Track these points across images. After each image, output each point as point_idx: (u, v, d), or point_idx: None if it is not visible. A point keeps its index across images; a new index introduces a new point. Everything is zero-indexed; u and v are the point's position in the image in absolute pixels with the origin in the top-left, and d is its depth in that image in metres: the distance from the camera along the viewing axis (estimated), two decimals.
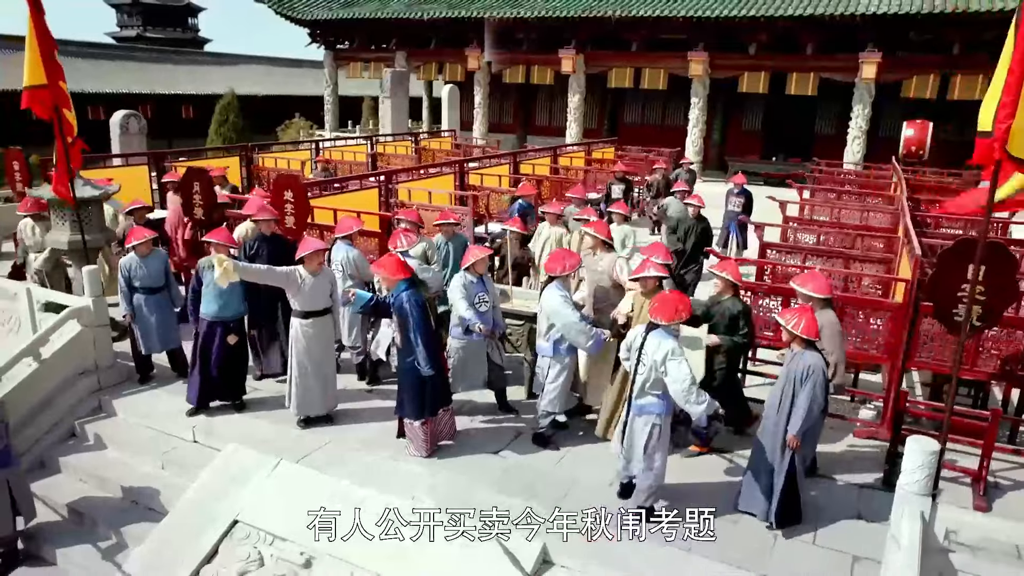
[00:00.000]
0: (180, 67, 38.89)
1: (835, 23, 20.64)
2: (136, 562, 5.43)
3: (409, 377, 5.76)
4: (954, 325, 5.48)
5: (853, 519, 5.29)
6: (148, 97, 33.44)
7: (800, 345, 4.97)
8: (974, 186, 15.22)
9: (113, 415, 7.03)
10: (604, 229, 6.50)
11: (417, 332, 5.53)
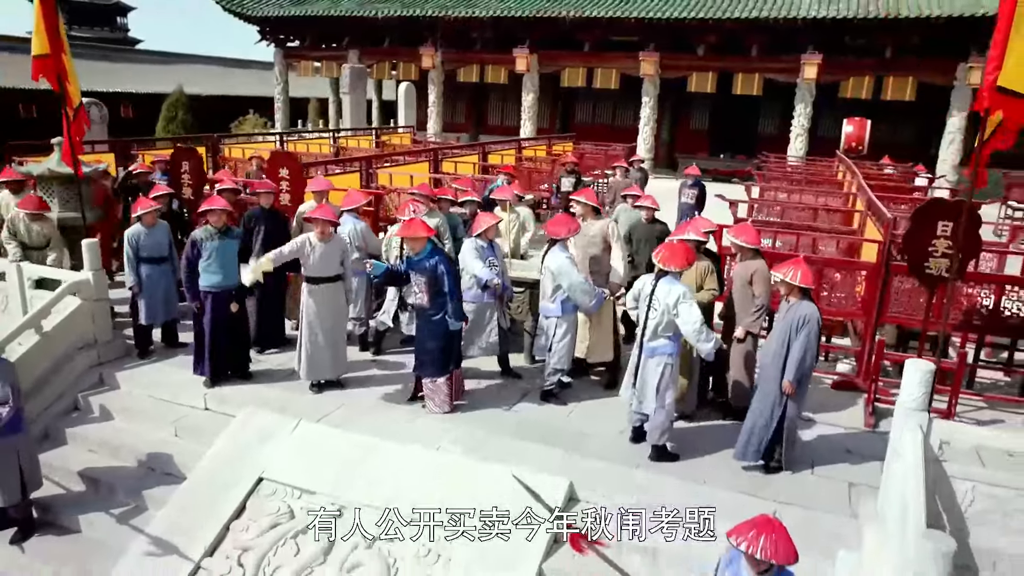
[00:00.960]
0: (118, 64, 37.72)
1: (778, 26, 21.72)
2: (162, 523, 5.51)
3: (436, 334, 6.03)
4: (925, 277, 6.07)
5: (844, 454, 5.79)
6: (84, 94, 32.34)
7: (797, 296, 5.41)
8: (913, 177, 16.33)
9: (116, 388, 7.02)
10: (593, 196, 6.90)
11: (452, 285, 5.83)
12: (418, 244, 5.92)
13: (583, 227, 6.63)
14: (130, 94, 34.50)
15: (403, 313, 7.33)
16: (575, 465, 5.47)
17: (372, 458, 5.67)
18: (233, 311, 6.64)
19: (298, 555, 5.15)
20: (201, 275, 6.50)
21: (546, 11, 24.73)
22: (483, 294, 6.51)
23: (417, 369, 6.30)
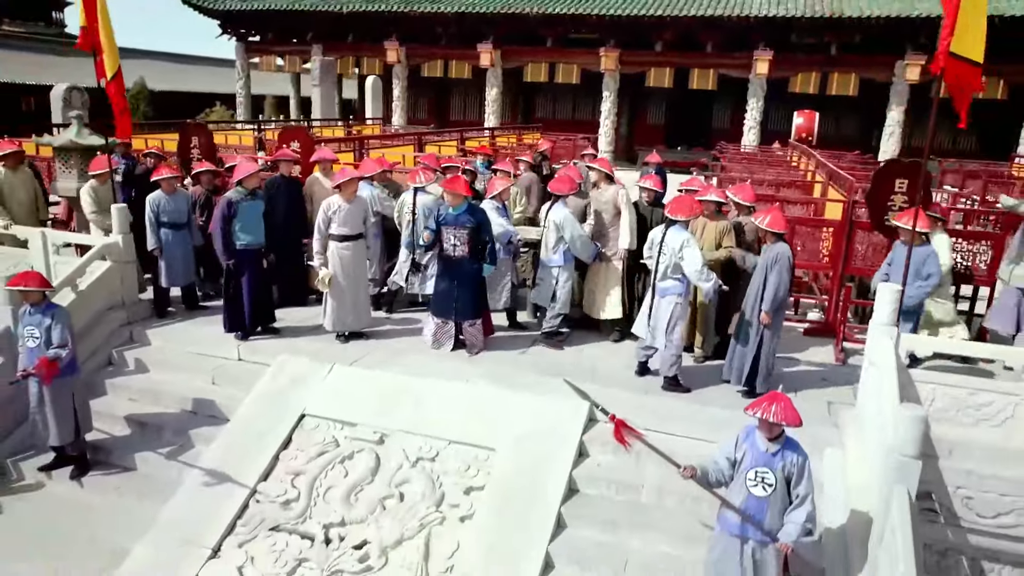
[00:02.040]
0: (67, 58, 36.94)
1: (732, 23, 22.91)
2: (213, 456, 6.00)
3: (474, 280, 6.71)
4: (885, 229, 6.98)
5: (820, 382, 6.64)
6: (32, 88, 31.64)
7: (771, 239, 6.20)
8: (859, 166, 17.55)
9: (147, 344, 7.42)
10: (607, 164, 7.61)
11: (492, 239, 6.50)
12: (458, 199, 6.54)
13: (598, 192, 7.34)
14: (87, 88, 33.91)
15: (414, 275, 7.90)
16: (592, 393, 6.12)
17: (408, 393, 6.26)
18: (265, 266, 7.12)
19: (347, 476, 5.71)
20: (237, 235, 6.95)
21: (510, 7, 25.44)
22: (500, 250, 7.15)
23: (458, 315, 6.88)
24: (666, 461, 4.45)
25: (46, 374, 5.44)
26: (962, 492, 5.15)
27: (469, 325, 6.87)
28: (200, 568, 5.20)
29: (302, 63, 30.80)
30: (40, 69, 34.44)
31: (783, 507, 4.11)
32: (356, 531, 5.34)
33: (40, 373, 5.43)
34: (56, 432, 5.84)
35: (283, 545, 5.30)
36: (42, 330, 5.66)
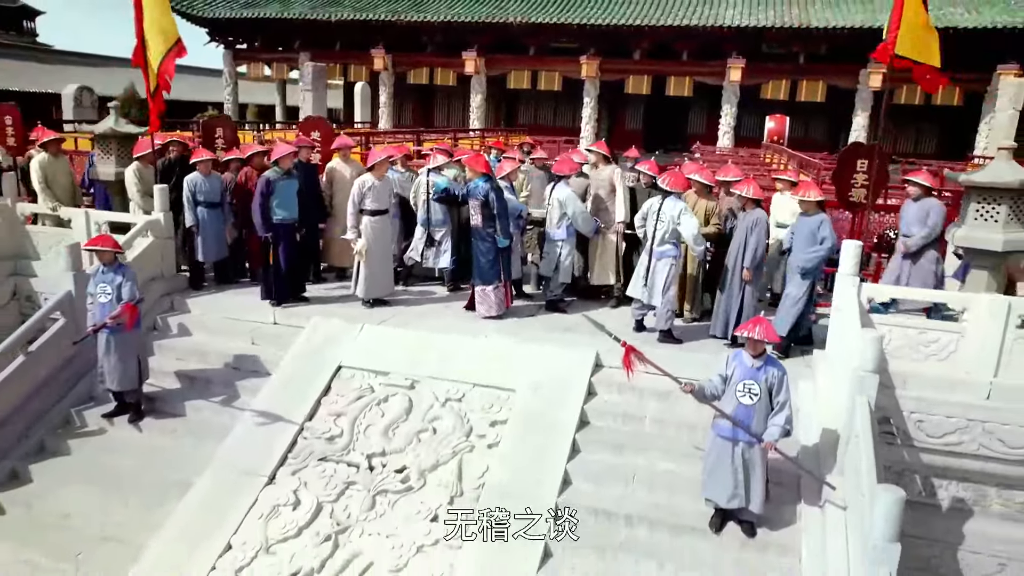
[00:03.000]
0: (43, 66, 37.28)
1: (707, 33, 24.10)
2: (261, 403, 6.73)
3: (488, 250, 7.46)
4: (849, 204, 7.94)
5: None
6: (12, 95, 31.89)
7: (750, 206, 7.12)
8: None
9: (187, 311, 8.11)
10: (605, 147, 8.48)
11: (502, 211, 7.29)
12: (475, 175, 7.36)
13: (596, 172, 8.21)
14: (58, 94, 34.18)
15: (428, 250, 8.69)
16: (596, 344, 6.94)
17: (433, 346, 7.04)
18: (299, 238, 7.87)
19: (384, 416, 6.47)
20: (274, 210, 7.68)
21: (494, 17, 26.41)
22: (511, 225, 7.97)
23: (472, 279, 7.68)
24: (670, 379, 5.27)
25: (129, 319, 6.16)
26: (915, 416, 6.07)
27: (481, 290, 7.66)
28: (259, 492, 5.93)
29: (289, 70, 31.47)
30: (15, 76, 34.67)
31: (766, 413, 4.98)
32: (396, 459, 6.10)
33: (123, 319, 6.14)
34: (121, 379, 6.53)
35: (332, 472, 6.06)
36: (113, 287, 6.37)
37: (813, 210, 6.83)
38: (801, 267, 6.77)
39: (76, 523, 6.01)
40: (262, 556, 5.50)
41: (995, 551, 6.04)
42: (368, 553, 5.45)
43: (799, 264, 6.80)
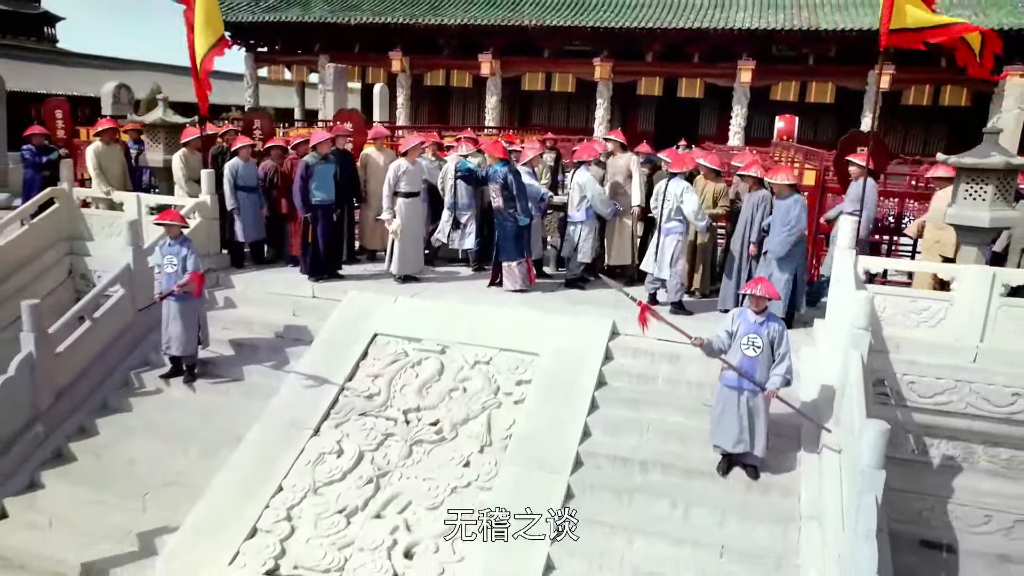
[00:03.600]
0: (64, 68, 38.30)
1: (717, 35, 24.62)
2: (305, 366, 7.33)
3: (509, 229, 8.05)
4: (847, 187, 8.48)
5: None
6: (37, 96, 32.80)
7: (756, 186, 7.65)
8: None
9: (231, 287, 8.73)
10: (622, 135, 9.05)
11: (520, 192, 7.87)
12: (493, 160, 7.95)
13: (613, 159, 8.78)
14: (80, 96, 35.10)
15: (454, 232, 9.27)
16: (613, 315, 7.49)
17: (462, 316, 7.63)
18: (335, 219, 8.49)
19: (418, 377, 7.06)
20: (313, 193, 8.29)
21: (509, 20, 27.02)
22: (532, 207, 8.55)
23: (497, 256, 8.27)
24: (681, 334, 5.82)
25: (197, 286, 6.80)
26: (907, 378, 6.60)
27: (506, 265, 8.24)
28: (306, 443, 6.53)
29: (308, 73, 32.23)
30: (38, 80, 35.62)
31: (768, 364, 5.52)
32: (430, 414, 6.69)
33: (191, 286, 6.78)
34: (184, 343, 7.15)
35: (371, 425, 6.65)
36: (179, 259, 7.00)
37: (786, 192, 7.29)
38: (774, 251, 7.22)
39: (140, 470, 6.63)
40: (310, 496, 6.09)
41: (982, 504, 6.56)
42: (407, 493, 6.03)
43: (772, 248, 7.24)
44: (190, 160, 9.23)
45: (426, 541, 5.64)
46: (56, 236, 9.29)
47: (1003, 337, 6.49)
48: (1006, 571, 6.42)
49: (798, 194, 7.34)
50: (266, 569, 5.58)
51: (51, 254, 9.21)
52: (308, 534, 5.79)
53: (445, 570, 5.44)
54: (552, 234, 9.57)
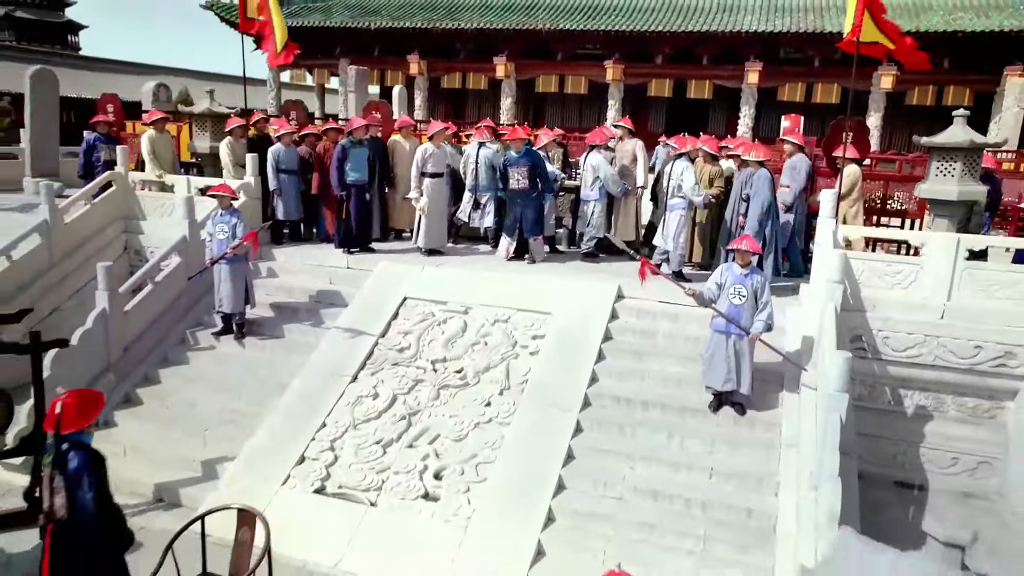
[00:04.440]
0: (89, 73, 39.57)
1: (725, 38, 25.39)
2: (342, 324, 8.18)
3: (535, 207, 8.93)
4: (836, 170, 9.25)
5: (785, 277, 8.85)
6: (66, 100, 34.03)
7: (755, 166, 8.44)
8: None
9: (273, 259, 9.62)
10: (629, 122, 9.90)
11: (543, 172, 8.78)
12: (518, 144, 8.81)
13: (621, 144, 9.61)
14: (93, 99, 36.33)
15: (474, 212, 10.11)
16: (619, 280, 8.31)
17: (483, 282, 8.47)
18: (367, 198, 9.37)
19: (444, 333, 7.90)
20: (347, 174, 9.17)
21: (524, 24, 27.95)
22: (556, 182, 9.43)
23: (524, 233, 9.11)
24: (676, 286, 6.63)
25: (254, 243, 7.69)
26: (882, 334, 7.37)
27: (533, 240, 9.09)
28: (345, 387, 7.39)
29: (329, 76, 33.29)
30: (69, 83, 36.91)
31: (752, 311, 6.32)
32: (455, 364, 7.52)
33: (248, 245, 7.68)
34: (234, 302, 8.04)
35: (403, 373, 7.49)
36: (229, 227, 7.90)
37: (756, 168, 8.15)
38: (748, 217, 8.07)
39: (200, 412, 7.52)
40: (351, 431, 6.94)
41: (949, 447, 7.32)
42: (436, 428, 6.87)
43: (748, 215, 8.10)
44: (235, 147, 10.16)
45: (453, 465, 6.48)
46: (114, 215, 10.24)
47: (967, 296, 7.24)
48: (970, 506, 7.17)
49: (764, 170, 8.16)
50: (314, 488, 6.43)
51: (109, 231, 10.16)
52: (350, 461, 6.64)
53: (470, 488, 6.27)
54: (565, 215, 10.41)
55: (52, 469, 4.13)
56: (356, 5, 32.12)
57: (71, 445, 4.20)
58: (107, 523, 4.30)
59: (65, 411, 4.17)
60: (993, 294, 7.19)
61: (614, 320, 7.82)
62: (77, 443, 4.23)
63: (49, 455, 4.16)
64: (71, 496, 4.11)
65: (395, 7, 31.21)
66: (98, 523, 4.22)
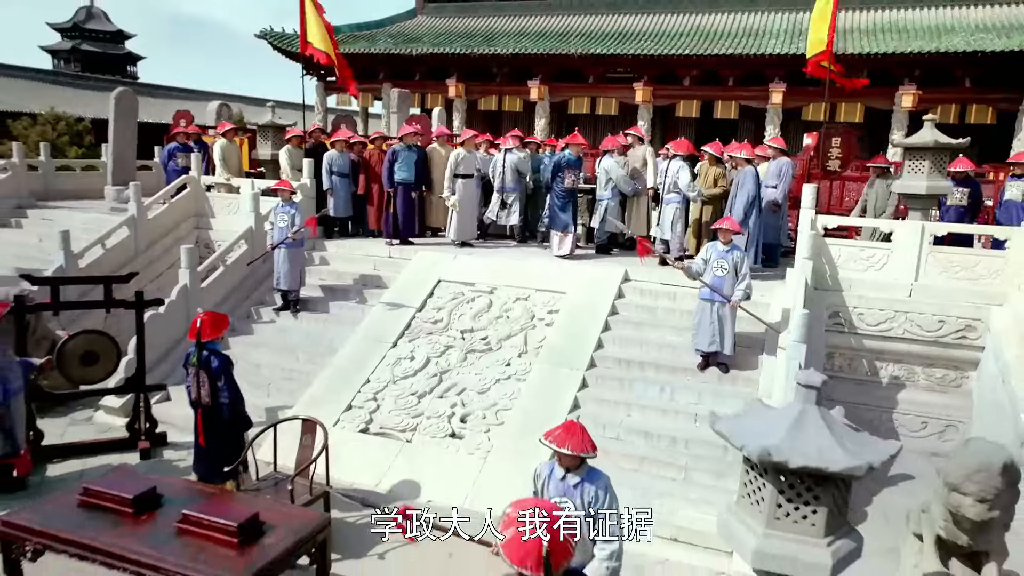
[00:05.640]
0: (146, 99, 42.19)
1: (751, 61, 26.46)
2: (384, 302, 9.43)
3: (565, 205, 10.08)
4: (826, 172, 10.29)
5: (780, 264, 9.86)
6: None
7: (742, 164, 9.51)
8: None
9: (324, 250, 10.99)
10: (640, 131, 11.07)
11: None
12: (577, 149, 10.08)
13: (632, 150, 10.79)
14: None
15: (501, 211, 11.34)
16: (627, 265, 9.43)
17: (507, 267, 9.67)
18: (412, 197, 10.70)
19: (472, 308, 9.10)
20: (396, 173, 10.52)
21: (557, 49, 29.41)
22: None
23: (550, 226, 10.31)
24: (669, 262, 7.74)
25: (313, 228, 9.07)
26: (856, 311, 8.35)
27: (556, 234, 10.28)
28: (386, 351, 8.62)
29: (373, 100, 35.19)
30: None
31: (733, 282, 7.38)
32: (480, 333, 8.71)
33: (308, 229, 9.05)
34: (291, 280, 9.40)
35: (436, 340, 8.70)
36: (289, 216, 9.26)
37: (743, 166, 9.24)
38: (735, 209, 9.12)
39: (263, 370, 8.82)
40: (390, 386, 8.15)
41: (919, 413, 8.23)
42: (462, 383, 8.05)
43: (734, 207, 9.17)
44: (293, 154, 11.60)
45: (476, 411, 7.64)
46: (188, 213, 11.75)
47: (931, 276, 8.19)
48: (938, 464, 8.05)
49: (750, 167, 9.24)
50: (359, 429, 7.65)
51: (184, 227, 11.66)
52: (389, 408, 7.85)
53: (490, 429, 7.41)
54: (582, 214, 11.58)
55: (198, 369, 5.51)
56: (399, 33, 34.05)
57: (210, 352, 5.60)
58: (236, 407, 5.87)
59: (204, 325, 5.63)
60: (954, 275, 8.14)
61: (620, 298, 8.94)
62: (213, 351, 5.64)
63: (195, 358, 5.66)
64: (212, 388, 5.50)
65: (435, 35, 33.02)
66: (230, 408, 5.80)
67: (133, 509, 4.45)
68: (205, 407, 5.82)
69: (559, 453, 3.97)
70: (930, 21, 26.84)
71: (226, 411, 5.83)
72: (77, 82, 40.32)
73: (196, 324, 5.71)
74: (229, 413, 5.86)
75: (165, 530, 4.30)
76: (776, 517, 3.54)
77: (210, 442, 5.84)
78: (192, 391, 5.84)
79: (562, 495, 4.00)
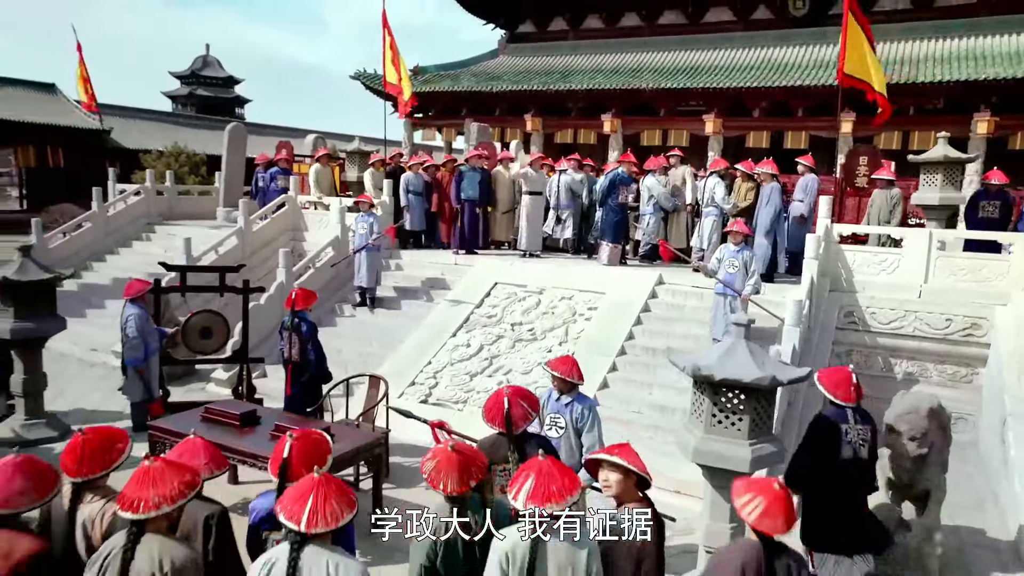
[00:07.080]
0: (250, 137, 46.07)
1: (819, 91, 26.95)
2: (447, 300, 10.84)
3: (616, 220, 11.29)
4: (856, 189, 11.06)
5: None
6: None
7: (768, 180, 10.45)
8: None
9: (399, 258, 12.58)
10: (680, 152, 12.19)
11: None
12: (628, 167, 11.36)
13: (673, 170, 11.92)
14: None
15: (556, 227, 12.61)
16: (663, 271, 10.52)
17: (555, 272, 10.94)
18: (477, 213, 12.17)
19: (522, 305, 10.39)
20: (463, 191, 12.04)
21: (629, 84, 30.73)
22: None
23: (599, 237, 11.54)
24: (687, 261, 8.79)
25: (392, 236, 10.64)
26: (870, 310, 9.14)
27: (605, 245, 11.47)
28: (447, 339, 9.99)
29: (456, 135, 37.49)
30: None
31: (743, 278, 8.38)
32: (527, 326, 9.97)
33: (387, 236, 10.62)
34: (368, 279, 10.99)
35: (490, 331, 10.02)
36: (367, 224, 10.88)
37: (769, 181, 10.17)
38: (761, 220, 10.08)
39: (344, 354, 10.34)
40: (448, 367, 9.50)
41: None
42: (509, 365, 9.31)
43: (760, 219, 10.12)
44: (375, 176, 13.33)
45: None
46: (285, 227, 13.64)
47: (940, 279, 8.90)
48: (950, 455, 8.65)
49: (775, 183, 10.17)
50: (420, 400, 9.01)
51: (282, 239, 13.53)
52: (446, 384, 9.19)
53: None
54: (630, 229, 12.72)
55: (291, 332, 7.03)
56: (481, 72, 36.27)
57: (300, 319, 7.11)
58: (320, 363, 7.36)
59: (297, 296, 7.17)
60: (961, 277, 8.83)
61: (653, 298, 10.03)
62: (304, 318, 7.15)
63: (290, 322, 7.14)
64: (301, 348, 7.00)
65: (515, 73, 35.02)
66: (315, 364, 7.30)
67: (239, 423, 5.94)
68: (295, 363, 7.28)
69: (553, 376, 5.14)
70: (1008, 48, 26.62)
71: (312, 366, 7.29)
72: (193, 122, 44.87)
73: (291, 296, 7.22)
74: (315, 368, 7.30)
75: (262, 436, 5.75)
76: (712, 424, 4.63)
77: (295, 391, 7.30)
78: (284, 350, 7.33)
79: (556, 412, 5.19)
